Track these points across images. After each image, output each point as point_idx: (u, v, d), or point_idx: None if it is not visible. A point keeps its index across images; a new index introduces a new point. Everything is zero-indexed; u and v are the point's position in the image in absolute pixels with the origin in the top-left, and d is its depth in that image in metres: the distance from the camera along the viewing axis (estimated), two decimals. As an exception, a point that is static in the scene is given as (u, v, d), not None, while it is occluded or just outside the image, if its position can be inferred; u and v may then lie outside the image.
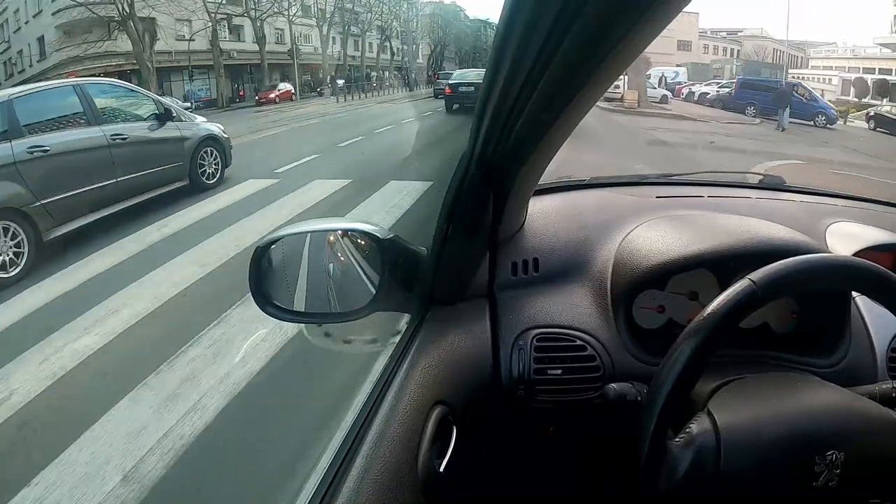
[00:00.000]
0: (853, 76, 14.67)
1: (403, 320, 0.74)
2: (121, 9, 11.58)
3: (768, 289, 0.53)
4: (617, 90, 12.92)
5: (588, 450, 0.78)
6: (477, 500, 0.76)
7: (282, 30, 18.80)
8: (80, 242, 4.27)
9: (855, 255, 0.79)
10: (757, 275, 0.53)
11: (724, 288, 0.54)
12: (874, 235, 0.87)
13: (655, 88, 14.06)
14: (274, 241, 0.72)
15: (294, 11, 17.51)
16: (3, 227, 3.90)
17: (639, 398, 0.62)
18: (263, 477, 1.74)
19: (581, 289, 0.78)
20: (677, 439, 0.52)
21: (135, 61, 13.46)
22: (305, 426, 1.82)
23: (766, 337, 0.76)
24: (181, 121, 5.68)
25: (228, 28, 16.65)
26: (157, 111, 5.49)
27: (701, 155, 7.81)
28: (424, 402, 0.60)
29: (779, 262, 0.54)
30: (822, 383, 0.59)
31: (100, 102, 5.02)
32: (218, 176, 5.78)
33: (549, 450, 0.78)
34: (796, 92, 12.24)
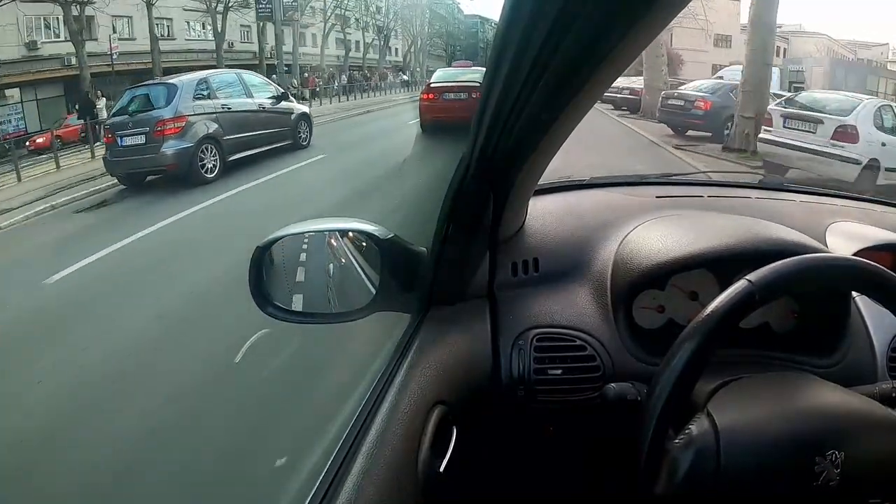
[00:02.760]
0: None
1: (403, 320, 0.74)
2: None
3: (766, 289, 0.53)
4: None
5: (588, 450, 0.78)
6: (477, 501, 0.76)
7: (170, 20, 13.32)
8: (239, 168, 6.94)
9: (855, 255, 0.79)
10: (755, 275, 0.53)
11: (724, 288, 0.54)
12: (874, 235, 0.87)
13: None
14: (274, 242, 0.72)
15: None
16: (209, 148, 6.80)
17: (639, 398, 0.62)
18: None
19: (581, 289, 0.78)
20: (677, 441, 0.52)
21: None
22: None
23: (767, 337, 0.76)
24: (290, 101, 8.52)
25: (63, 21, 10.38)
26: (277, 93, 8.26)
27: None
28: (424, 402, 0.60)
29: (777, 263, 0.54)
30: (823, 383, 0.59)
31: (249, 83, 7.95)
32: (308, 141, 8.41)
33: (549, 450, 0.78)
34: None
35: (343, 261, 0.77)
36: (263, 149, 7.45)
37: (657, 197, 0.96)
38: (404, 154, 7.17)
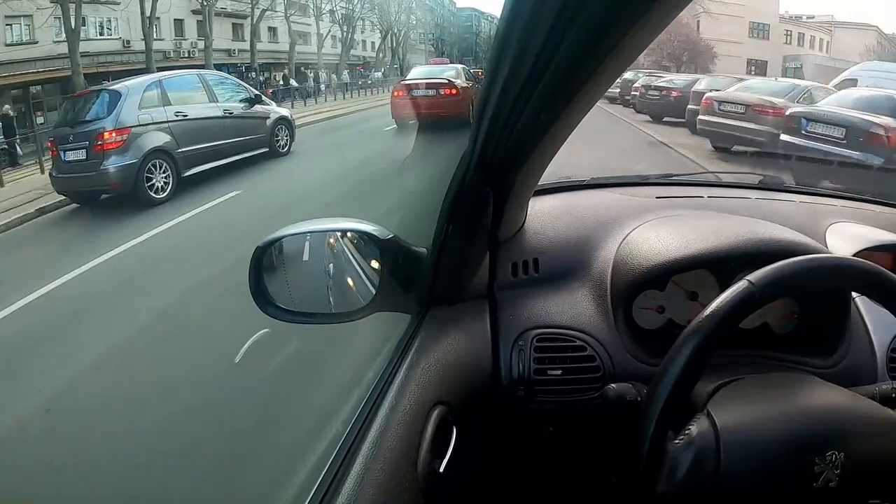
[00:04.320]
0: None
1: (403, 320, 0.74)
2: None
3: (767, 289, 0.53)
4: None
5: (587, 450, 0.78)
6: (477, 501, 0.76)
7: (28, 17, 9.61)
8: (202, 181, 6.17)
9: (855, 255, 0.79)
10: (755, 276, 0.53)
11: (724, 288, 0.54)
12: (874, 235, 0.87)
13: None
14: (274, 242, 0.72)
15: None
16: (159, 163, 5.96)
17: (638, 399, 0.62)
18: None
19: (581, 289, 0.78)
20: (677, 441, 0.52)
21: None
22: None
23: (766, 337, 0.76)
24: (265, 104, 7.71)
25: None
26: (249, 96, 7.46)
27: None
28: (424, 403, 0.60)
29: (777, 263, 0.54)
30: (822, 383, 0.59)
31: (214, 86, 7.11)
32: (287, 147, 7.75)
33: (548, 450, 0.78)
34: None
35: (343, 261, 0.77)
36: (231, 159, 6.65)
37: (657, 197, 0.96)
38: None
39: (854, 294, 0.74)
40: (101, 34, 11.32)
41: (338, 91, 14.72)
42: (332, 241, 0.78)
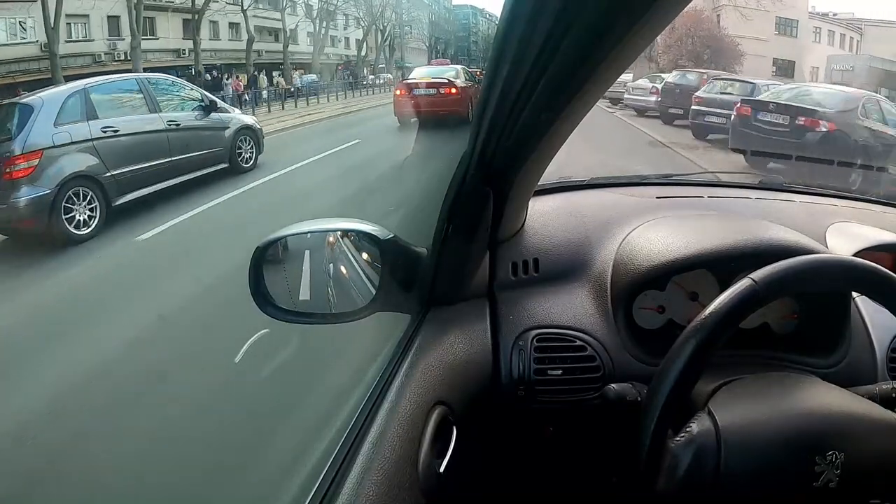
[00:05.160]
0: None
1: (403, 320, 0.74)
2: None
3: (769, 288, 0.53)
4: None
5: (588, 450, 0.78)
6: (477, 501, 0.76)
7: None
8: (141, 210, 5.06)
9: (855, 255, 0.79)
10: (758, 274, 0.53)
11: (724, 288, 0.54)
12: (874, 235, 0.87)
13: None
14: (274, 242, 0.72)
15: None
16: (82, 192, 4.74)
17: (639, 399, 0.62)
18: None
19: (581, 289, 0.78)
20: (678, 438, 0.52)
21: None
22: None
23: (766, 337, 0.76)
24: (223, 112, 6.42)
25: None
26: (203, 103, 6.19)
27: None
28: (424, 403, 0.60)
29: (780, 262, 0.54)
30: (822, 384, 0.60)
31: (157, 93, 5.83)
32: (253, 161, 6.46)
33: (548, 450, 0.78)
34: None
35: (343, 261, 0.77)
36: (177, 180, 5.50)
37: (657, 197, 0.96)
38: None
39: (854, 294, 0.74)
40: (12, 38, 9.29)
41: (273, 100, 11.06)
42: (331, 240, 0.78)
